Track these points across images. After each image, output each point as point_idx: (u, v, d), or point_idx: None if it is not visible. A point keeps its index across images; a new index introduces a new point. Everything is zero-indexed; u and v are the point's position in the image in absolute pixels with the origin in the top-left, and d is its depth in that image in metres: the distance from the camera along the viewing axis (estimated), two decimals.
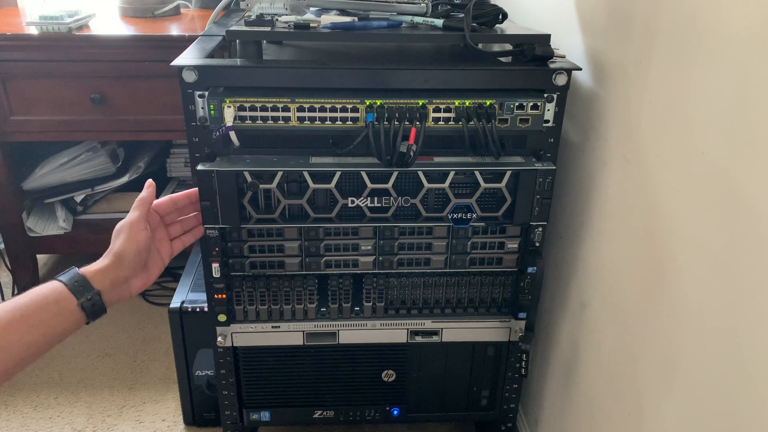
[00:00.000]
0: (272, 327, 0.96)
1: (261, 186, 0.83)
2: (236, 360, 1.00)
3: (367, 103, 0.80)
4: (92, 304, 0.71)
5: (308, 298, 0.94)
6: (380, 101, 0.80)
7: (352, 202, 0.85)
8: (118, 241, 0.76)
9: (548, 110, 0.84)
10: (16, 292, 1.62)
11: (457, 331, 0.98)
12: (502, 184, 0.85)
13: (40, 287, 0.70)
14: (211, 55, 0.87)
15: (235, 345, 0.98)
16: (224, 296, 0.92)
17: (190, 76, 0.80)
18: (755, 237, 0.52)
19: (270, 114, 0.81)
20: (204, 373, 1.18)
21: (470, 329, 0.98)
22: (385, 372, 1.04)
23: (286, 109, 0.81)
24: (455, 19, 0.88)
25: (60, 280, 0.70)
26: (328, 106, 0.81)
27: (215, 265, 0.89)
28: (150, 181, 0.82)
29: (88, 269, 0.73)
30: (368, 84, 0.82)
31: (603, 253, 0.84)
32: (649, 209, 0.71)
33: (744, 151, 0.54)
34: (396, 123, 0.79)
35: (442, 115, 0.82)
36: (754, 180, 0.53)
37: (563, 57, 0.87)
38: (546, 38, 0.85)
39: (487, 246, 0.92)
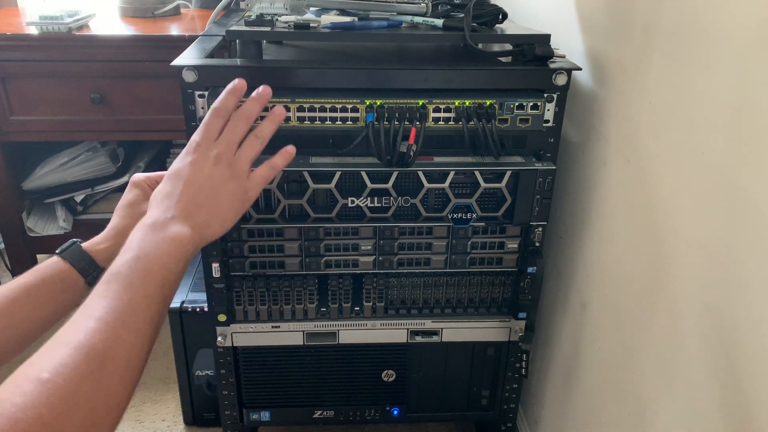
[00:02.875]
0: (272, 327, 0.96)
1: None
2: (236, 360, 1.00)
3: (367, 103, 0.80)
4: (98, 279, 0.71)
5: (308, 298, 0.94)
6: (380, 101, 0.80)
7: (352, 202, 0.85)
8: (119, 219, 0.76)
9: (548, 110, 0.84)
10: None
11: (457, 331, 0.98)
12: (502, 184, 0.85)
13: (43, 267, 0.70)
14: (211, 55, 0.87)
15: (235, 345, 0.97)
16: (224, 296, 0.92)
17: (190, 76, 0.80)
18: (755, 237, 0.52)
19: None
20: (204, 373, 1.18)
21: (470, 329, 0.98)
22: (385, 372, 1.04)
23: (286, 109, 0.80)
24: (455, 19, 0.88)
25: (64, 258, 0.70)
26: (328, 106, 0.81)
27: (215, 265, 0.89)
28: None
29: (92, 247, 0.73)
30: (368, 84, 0.82)
31: (603, 253, 0.84)
32: (649, 209, 0.71)
33: (744, 151, 0.54)
34: (396, 123, 0.79)
35: (442, 115, 0.82)
36: (754, 180, 0.53)
37: (563, 57, 0.87)
38: (546, 38, 0.85)
39: (487, 246, 0.92)
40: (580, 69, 0.83)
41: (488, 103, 0.82)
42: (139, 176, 0.80)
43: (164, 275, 0.56)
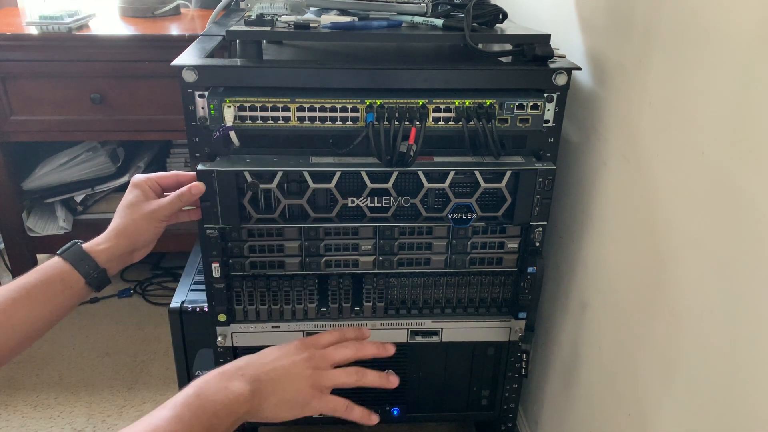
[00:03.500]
0: (272, 327, 0.96)
1: (261, 186, 0.83)
2: None
3: (367, 103, 0.80)
4: (98, 280, 0.73)
5: (308, 298, 0.94)
6: (380, 101, 0.80)
7: (352, 202, 0.85)
8: (120, 220, 0.77)
9: (548, 110, 0.84)
10: None
11: (457, 331, 0.98)
12: (502, 184, 0.85)
13: (44, 266, 0.71)
14: (211, 55, 0.87)
15: (235, 345, 0.97)
16: (224, 296, 0.91)
17: (190, 76, 0.80)
18: (755, 237, 0.52)
19: (270, 114, 0.81)
20: (204, 373, 1.18)
21: (470, 329, 0.98)
22: (385, 372, 1.04)
23: (286, 109, 0.81)
24: (455, 19, 0.88)
25: (65, 259, 0.72)
26: (328, 106, 0.81)
27: (215, 265, 0.88)
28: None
29: (92, 248, 0.74)
30: (368, 84, 0.82)
31: (603, 253, 0.84)
32: (649, 209, 0.71)
33: (744, 152, 0.54)
34: (396, 123, 0.79)
35: (442, 115, 0.82)
36: (754, 180, 0.53)
37: (563, 57, 0.87)
38: (546, 38, 0.85)
39: (487, 246, 0.92)
40: (580, 69, 0.83)
41: (488, 103, 0.82)
42: (139, 177, 0.80)
43: (213, 421, 0.59)
